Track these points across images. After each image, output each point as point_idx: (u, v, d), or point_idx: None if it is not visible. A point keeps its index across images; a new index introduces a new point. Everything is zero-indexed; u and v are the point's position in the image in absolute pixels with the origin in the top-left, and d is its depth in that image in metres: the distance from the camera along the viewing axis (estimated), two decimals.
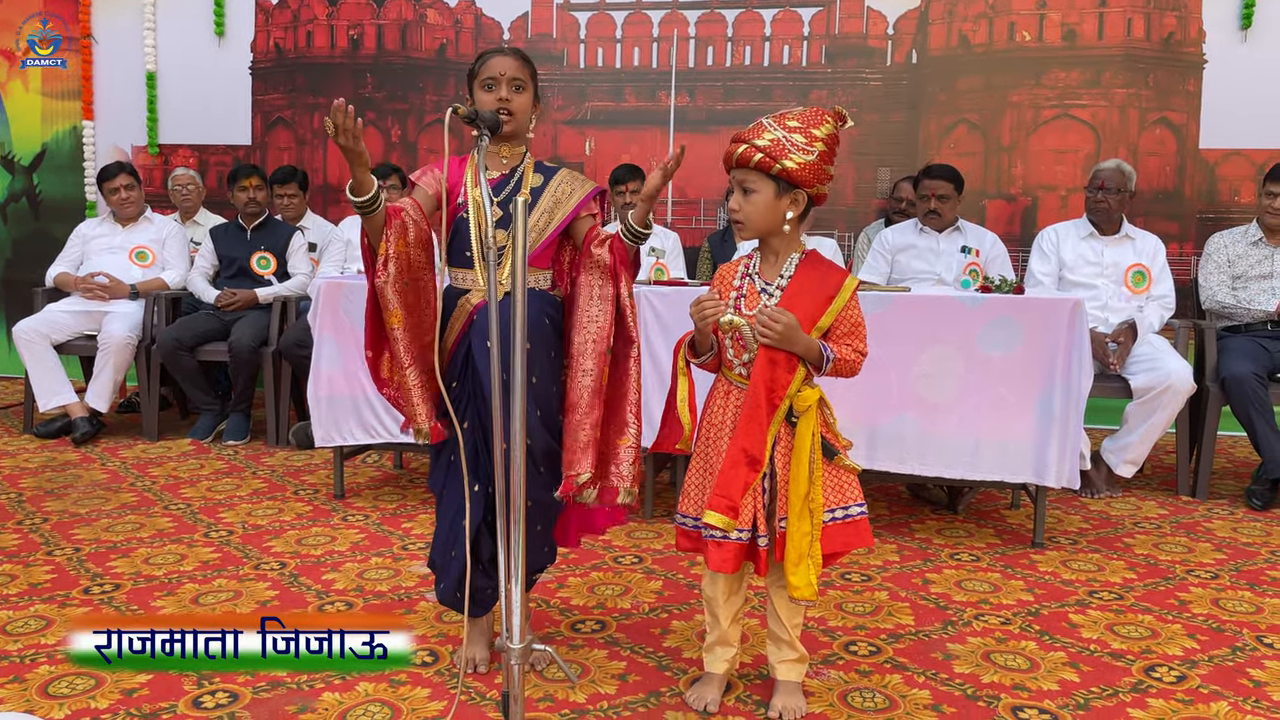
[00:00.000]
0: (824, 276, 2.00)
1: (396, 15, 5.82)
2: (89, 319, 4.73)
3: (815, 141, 1.95)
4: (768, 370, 1.94)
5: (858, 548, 2.05)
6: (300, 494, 3.75)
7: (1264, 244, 4.07)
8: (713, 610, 2.13)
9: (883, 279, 4.32)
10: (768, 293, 2.01)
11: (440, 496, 2.23)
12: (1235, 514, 3.67)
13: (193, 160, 6.08)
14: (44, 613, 2.58)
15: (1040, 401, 3.14)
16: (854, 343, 2.00)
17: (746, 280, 2.05)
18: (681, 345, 2.08)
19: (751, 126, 1.98)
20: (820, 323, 1.97)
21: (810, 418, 1.95)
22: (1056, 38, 5.20)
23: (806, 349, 1.94)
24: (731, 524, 1.94)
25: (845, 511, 2.02)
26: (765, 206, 1.98)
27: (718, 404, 2.05)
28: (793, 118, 1.96)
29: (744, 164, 1.97)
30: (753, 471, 1.94)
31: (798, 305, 1.96)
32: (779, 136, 1.94)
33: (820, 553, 1.96)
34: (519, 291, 1.69)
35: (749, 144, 1.95)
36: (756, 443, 1.94)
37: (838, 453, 2.02)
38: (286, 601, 2.68)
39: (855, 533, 2.02)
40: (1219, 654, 2.43)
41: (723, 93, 5.57)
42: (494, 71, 2.13)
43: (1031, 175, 5.29)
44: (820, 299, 1.98)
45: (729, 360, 2.04)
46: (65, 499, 3.63)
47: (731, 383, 2.04)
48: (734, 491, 1.93)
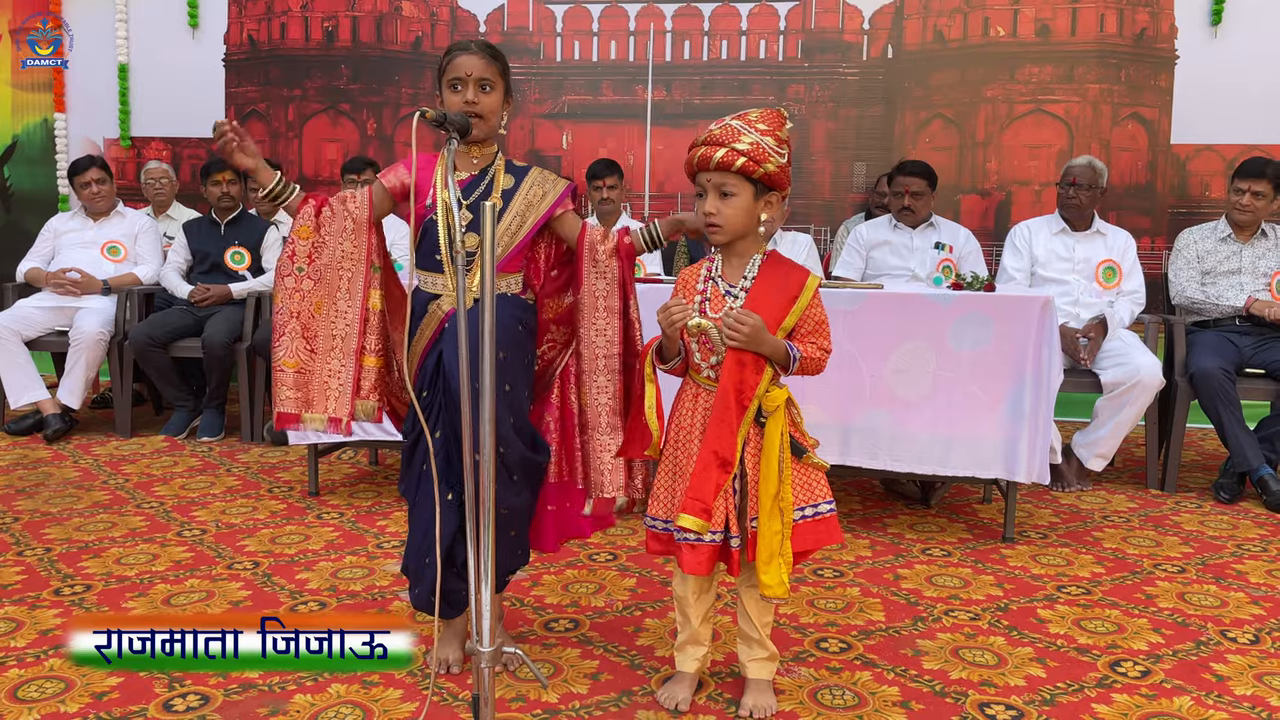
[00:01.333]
0: (786, 276, 2.01)
1: (371, 7, 5.78)
2: (61, 315, 4.69)
3: (783, 144, 1.97)
4: (736, 372, 1.95)
5: (828, 544, 2.07)
6: (274, 491, 3.74)
7: (1233, 240, 4.12)
8: (683, 610, 2.14)
9: (857, 274, 4.35)
10: (732, 295, 2.02)
11: (413, 504, 2.22)
12: (1203, 507, 3.72)
13: (166, 153, 6.02)
14: (14, 615, 2.56)
15: (1011, 398, 3.18)
16: (819, 340, 2.02)
17: (710, 283, 2.05)
18: (648, 352, 2.08)
19: (721, 129, 1.96)
20: (785, 323, 1.99)
21: (779, 417, 1.97)
22: (1030, 33, 5.24)
23: (773, 349, 1.95)
24: (705, 526, 1.95)
25: (815, 509, 2.03)
26: (745, 210, 1.98)
27: (686, 407, 2.06)
28: (758, 120, 1.96)
29: (725, 167, 1.95)
30: (724, 473, 1.95)
31: (762, 306, 1.97)
32: (757, 139, 1.93)
33: (791, 551, 1.98)
34: (488, 300, 1.68)
35: (729, 148, 1.93)
36: (727, 444, 1.95)
37: (806, 451, 2.03)
38: (259, 602, 2.67)
39: (825, 530, 2.04)
40: (1183, 648, 2.47)
41: (700, 86, 5.57)
42: (460, 72, 2.09)
43: (1005, 170, 5.32)
44: (784, 299, 1.99)
45: (696, 364, 2.05)
46: (36, 498, 3.61)
47: (699, 385, 2.05)
48: (706, 494, 1.94)
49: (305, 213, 2.11)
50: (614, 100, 5.64)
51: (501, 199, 2.14)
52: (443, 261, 2.14)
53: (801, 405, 3.20)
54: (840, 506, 3.62)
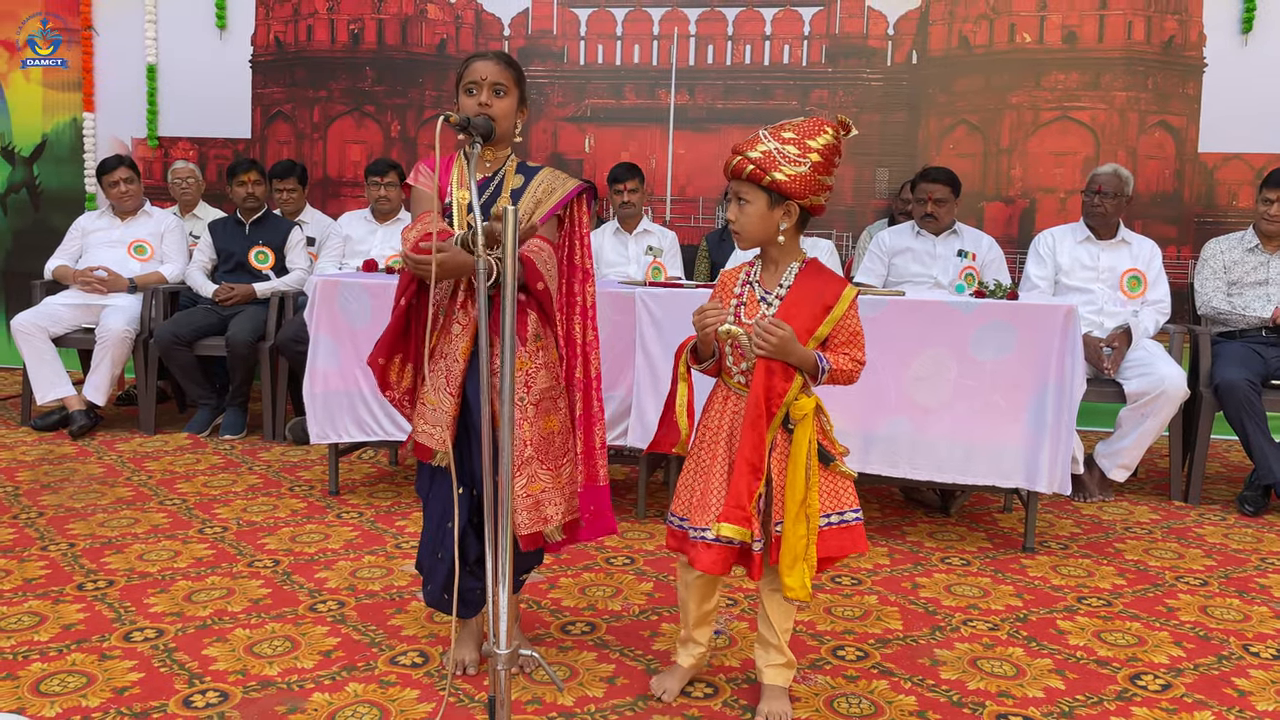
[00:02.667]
0: (823, 286, 2.02)
1: (397, 10, 5.81)
2: (87, 312, 4.74)
3: (809, 152, 1.97)
4: (765, 379, 1.96)
5: (853, 553, 2.07)
6: (295, 490, 3.76)
7: (1260, 250, 4.07)
8: (684, 610, 2.20)
9: (879, 281, 4.33)
10: (766, 301, 2.03)
11: (427, 500, 2.25)
12: (1227, 520, 3.68)
13: (192, 153, 6.08)
14: (37, 609, 2.59)
15: (1033, 407, 3.15)
16: (852, 351, 2.02)
17: (747, 288, 2.08)
18: (684, 350, 2.11)
19: (749, 138, 2.01)
20: (818, 332, 2.00)
21: (807, 425, 1.97)
22: (1057, 39, 5.20)
23: (802, 360, 1.97)
24: (747, 534, 1.95)
25: (841, 517, 2.03)
26: (758, 217, 2.01)
27: (716, 409, 2.08)
28: (789, 129, 1.99)
29: (737, 175, 2.00)
30: (756, 479, 1.96)
31: (795, 315, 1.98)
32: (771, 148, 1.97)
33: (815, 556, 1.98)
34: (509, 295, 1.71)
35: (742, 155, 1.98)
36: (757, 452, 1.96)
37: (834, 459, 2.03)
38: (278, 600, 2.69)
39: (850, 538, 2.04)
40: (1205, 662, 2.45)
41: (723, 91, 5.57)
42: (476, 76, 2.14)
43: (1030, 177, 5.29)
44: (818, 309, 2.00)
45: (728, 368, 2.06)
46: (61, 493, 3.65)
47: (730, 389, 2.06)
48: (745, 502, 1.95)
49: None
50: (637, 104, 5.64)
51: (511, 199, 2.17)
52: None
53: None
54: None
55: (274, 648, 2.39)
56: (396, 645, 2.42)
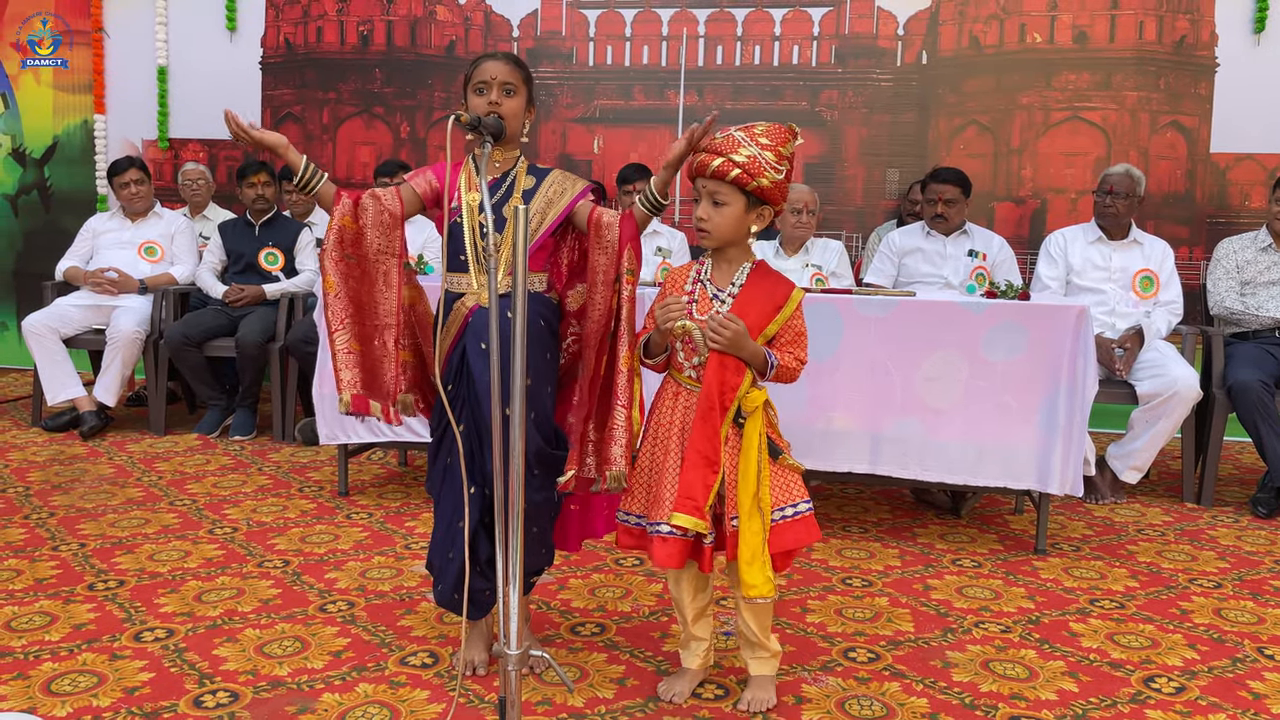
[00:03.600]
0: (773, 287, 2.08)
1: (406, 11, 5.82)
2: (98, 313, 4.76)
3: (783, 160, 2.03)
4: (719, 372, 2.01)
5: (807, 543, 2.11)
6: (305, 491, 3.76)
7: (1273, 250, 4.05)
8: (680, 609, 2.20)
9: (889, 282, 4.32)
10: (719, 299, 2.07)
11: (438, 499, 2.25)
12: (1240, 522, 3.66)
13: (202, 155, 6.10)
14: (49, 609, 2.60)
15: (1044, 408, 3.14)
16: (796, 351, 2.09)
17: (699, 285, 2.11)
18: (635, 346, 2.13)
19: (724, 138, 2.01)
20: (767, 330, 2.05)
21: (757, 418, 2.02)
22: (1067, 39, 5.18)
23: (753, 355, 2.02)
24: (701, 525, 1.98)
25: (794, 509, 2.08)
26: (734, 219, 2.04)
27: (666, 405, 2.11)
28: (762, 134, 2.02)
29: (720, 176, 2.00)
30: (712, 473, 1.99)
31: (747, 312, 2.03)
32: (755, 153, 1.98)
33: (771, 550, 2.01)
34: (519, 297, 1.70)
35: (726, 158, 1.99)
36: (711, 444, 2.00)
37: (781, 452, 2.08)
38: (288, 600, 2.69)
39: (805, 529, 2.08)
40: (1219, 665, 2.43)
41: (732, 92, 5.56)
42: (485, 76, 2.15)
43: (1041, 178, 5.27)
44: (768, 308, 2.05)
45: (679, 363, 2.10)
46: (72, 493, 3.66)
47: (680, 384, 2.10)
48: (697, 493, 1.98)
49: (344, 204, 2.13)
50: (645, 105, 5.64)
51: (522, 199, 2.18)
52: (468, 261, 2.17)
53: (830, 412, 3.21)
54: (869, 515, 3.62)
55: (284, 648, 2.39)
56: (406, 646, 2.42)
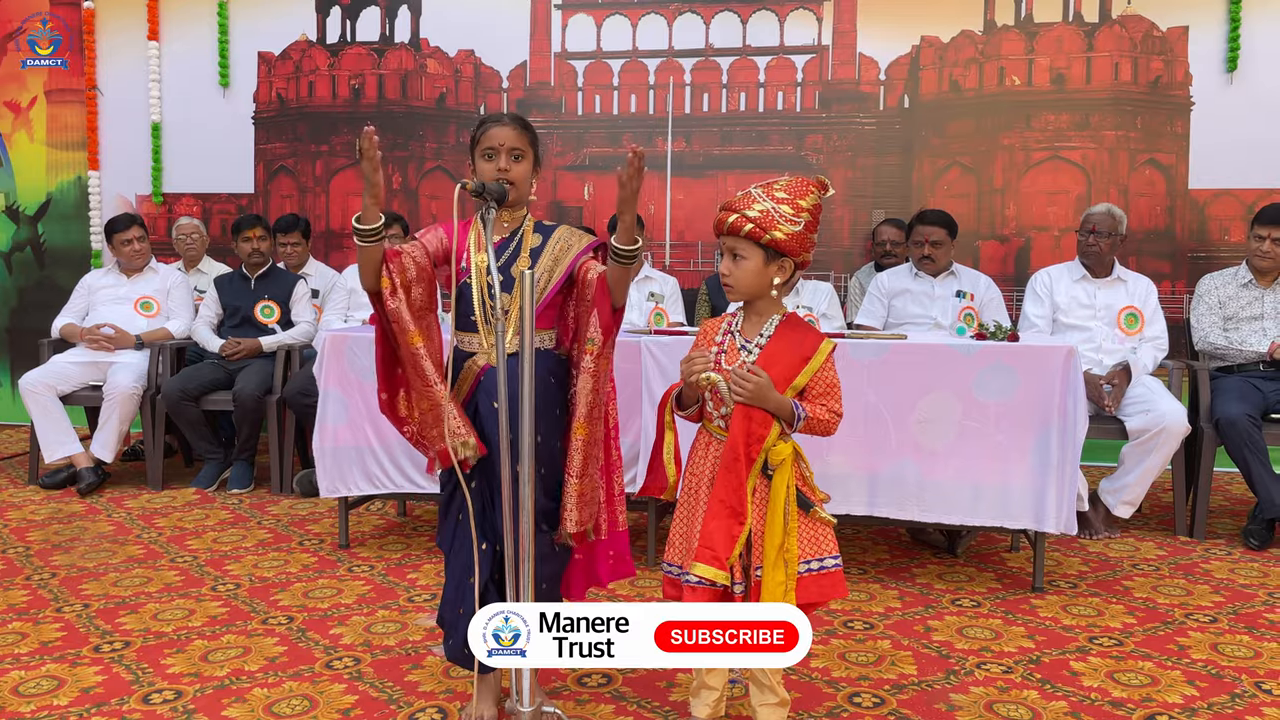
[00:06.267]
0: (801, 338, 2.11)
1: (397, 65, 5.92)
2: (95, 369, 4.78)
3: (801, 212, 2.06)
4: (744, 424, 2.03)
5: (833, 599, 2.12)
6: (305, 544, 3.77)
7: (1254, 285, 4.13)
8: None
9: (880, 323, 4.38)
10: (747, 350, 2.11)
11: (449, 554, 2.27)
12: (1233, 554, 3.70)
13: (196, 209, 6.15)
14: (56, 672, 2.60)
15: (1037, 447, 3.19)
16: (829, 403, 2.09)
17: (729, 336, 2.15)
18: (668, 398, 2.17)
19: (741, 196, 2.08)
20: (795, 382, 2.07)
21: (785, 470, 2.03)
22: (1045, 82, 5.30)
23: (778, 407, 2.04)
24: (721, 575, 2.00)
25: (820, 563, 2.09)
26: (754, 273, 2.08)
27: (699, 455, 2.14)
28: (780, 189, 2.07)
29: (735, 232, 2.06)
30: (738, 524, 2.01)
31: (774, 364, 2.06)
32: (768, 208, 2.04)
33: (795, 602, 2.02)
34: (526, 358, 1.75)
35: (740, 214, 2.05)
36: (736, 495, 2.02)
37: (813, 505, 2.09)
38: (294, 658, 2.70)
39: (830, 584, 2.09)
40: (1218, 701, 2.46)
41: (719, 138, 5.66)
42: (494, 142, 2.21)
43: (1024, 216, 5.36)
44: (796, 359, 2.08)
45: (709, 413, 2.14)
46: (72, 552, 3.66)
47: (712, 435, 2.13)
48: (718, 544, 2.00)
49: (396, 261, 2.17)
50: None
51: (530, 257, 2.22)
52: (477, 321, 2.21)
53: (827, 456, 3.25)
54: (867, 555, 3.65)
55: (292, 707, 2.40)
56: (415, 701, 2.43)
